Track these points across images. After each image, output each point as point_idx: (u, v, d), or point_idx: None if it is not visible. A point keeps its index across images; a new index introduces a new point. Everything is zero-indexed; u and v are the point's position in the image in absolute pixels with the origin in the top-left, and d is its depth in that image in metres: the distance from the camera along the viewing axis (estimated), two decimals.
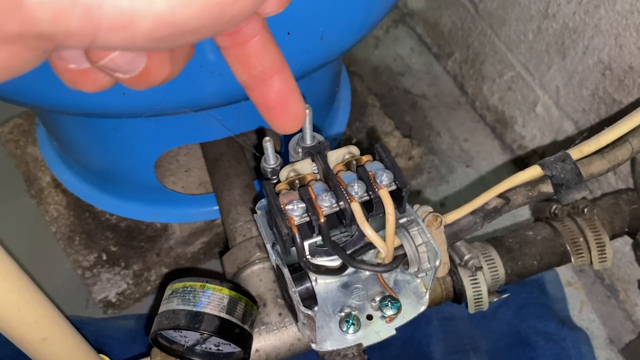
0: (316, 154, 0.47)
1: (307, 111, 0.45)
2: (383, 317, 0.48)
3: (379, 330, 0.48)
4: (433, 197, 1.02)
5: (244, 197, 0.72)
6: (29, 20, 0.16)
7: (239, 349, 0.51)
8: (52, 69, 0.21)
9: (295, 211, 0.42)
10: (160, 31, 0.18)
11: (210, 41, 0.24)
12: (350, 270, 0.49)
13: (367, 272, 0.50)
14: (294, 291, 0.45)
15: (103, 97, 0.53)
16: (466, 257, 0.58)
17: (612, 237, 0.68)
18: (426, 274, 0.49)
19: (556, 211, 0.67)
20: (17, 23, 0.16)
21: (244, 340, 0.51)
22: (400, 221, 0.47)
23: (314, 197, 0.43)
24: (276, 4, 0.22)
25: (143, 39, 0.18)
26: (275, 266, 0.49)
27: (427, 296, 0.50)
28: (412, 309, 0.49)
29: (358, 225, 0.42)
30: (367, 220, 0.43)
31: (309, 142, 0.47)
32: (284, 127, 0.26)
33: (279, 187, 0.45)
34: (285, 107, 0.25)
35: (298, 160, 0.47)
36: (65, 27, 0.17)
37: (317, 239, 0.45)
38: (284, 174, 0.47)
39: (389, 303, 0.48)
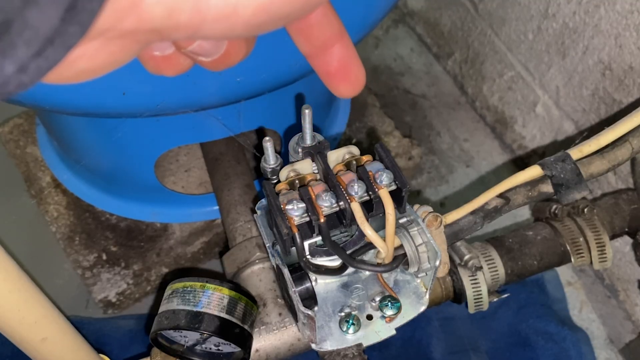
0: (316, 154, 0.47)
1: (307, 111, 0.45)
2: (383, 317, 0.48)
3: (379, 330, 0.48)
4: (433, 197, 1.02)
5: (244, 197, 0.72)
6: (145, 17, 0.17)
7: (239, 349, 0.51)
8: (138, 57, 0.22)
9: (295, 211, 0.42)
10: (258, 18, 0.18)
11: None
12: (350, 270, 0.49)
13: (367, 272, 0.50)
14: (294, 291, 0.45)
15: (103, 97, 0.53)
16: (466, 257, 0.58)
17: (612, 237, 0.68)
18: (426, 274, 0.49)
19: (556, 211, 0.67)
20: (134, 20, 0.17)
21: (244, 340, 0.51)
22: (400, 221, 0.47)
23: (314, 197, 0.43)
24: None
25: (241, 27, 0.19)
26: (275, 266, 0.49)
27: (427, 296, 0.50)
28: (412, 309, 0.49)
29: (358, 225, 0.42)
30: (367, 220, 0.43)
31: (309, 142, 0.47)
32: (345, 92, 0.27)
33: (279, 187, 0.45)
34: (347, 73, 0.26)
35: (298, 160, 0.47)
36: (175, 21, 0.17)
37: (317, 239, 0.44)
38: (284, 174, 0.47)
39: (389, 303, 0.48)
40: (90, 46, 0.17)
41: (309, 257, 0.46)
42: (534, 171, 0.56)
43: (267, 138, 0.45)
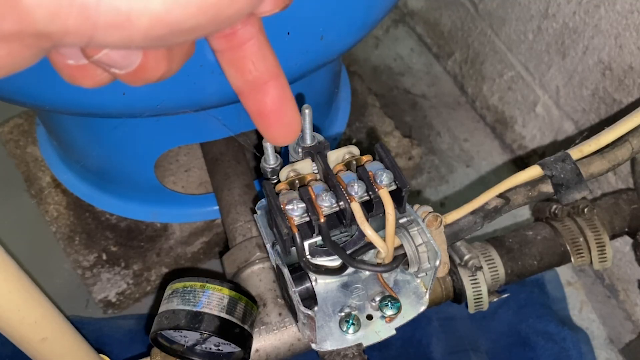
0: (316, 154, 0.47)
1: (307, 111, 0.45)
2: (383, 317, 0.48)
3: (379, 330, 0.48)
4: (433, 197, 1.02)
5: (244, 197, 0.72)
6: (26, 19, 0.16)
7: (239, 349, 0.51)
8: (52, 64, 0.22)
9: (295, 211, 0.42)
10: (157, 30, 0.18)
11: None
12: (350, 270, 0.49)
13: (367, 272, 0.50)
14: (294, 291, 0.45)
15: (103, 97, 0.53)
16: (466, 257, 0.59)
17: (612, 237, 0.68)
18: (426, 274, 0.49)
19: (556, 211, 0.67)
20: (15, 22, 0.16)
21: (244, 340, 0.51)
22: (400, 221, 0.47)
23: (314, 197, 0.43)
24: (273, 4, 0.22)
25: (140, 38, 0.18)
26: (275, 266, 0.49)
27: (427, 296, 0.50)
28: (412, 309, 0.49)
29: (358, 225, 0.42)
30: (367, 220, 0.43)
31: (309, 142, 0.47)
32: (278, 137, 0.26)
33: (279, 187, 0.45)
34: (279, 115, 0.25)
35: (298, 160, 0.47)
36: (62, 25, 0.17)
37: (317, 239, 0.45)
38: (284, 174, 0.47)
39: (389, 303, 0.48)
40: None
41: (309, 257, 0.46)
42: (534, 171, 0.56)
43: None
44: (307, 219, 0.43)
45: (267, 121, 0.25)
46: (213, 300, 0.50)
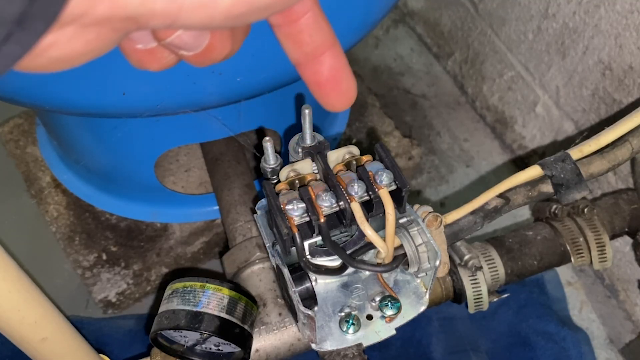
0: (316, 154, 0.47)
1: (307, 111, 0.45)
2: (383, 317, 0.48)
3: (379, 330, 0.48)
4: (433, 197, 1.02)
5: (244, 197, 0.72)
6: (118, 3, 0.17)
7: (239, 349, 0.51)
8: (120, 49, 0.22)
9: (295, 211, 0.42)
10: (237, 9, 0.18)
11: None
12: (350, 270, 0.49)
13: (367, 272, 0.50)
14: (294, 291, 0.45)
15: (103, 97, 0.53)
16: (466, 257, 0.58)
17: (612, 237, 0.68)
18: (426, 274, 0.49)
19: (556, 211, 0.67)
20: (108, 5, 0.17)
21: (244, 340, 0.51)
22: (400, 221, 0.47)
23: (314, 197, 0.43)
24: None
25: (220, 17, 0.18)
26: (275, 266, 0.49)
27: (427, 296, 0.50)
28: (412, 309, 0.49)
29: (358, 225, 0.42)
30: (367, 220, 0.43)
31: (309, 142, 0.47)
32: (336, 104, 0.26)
33: (279, 187, 0.45)
34: (337, 83, 0.25)
35: (298, 160, 0.47)
36: (150, 8, 0.17)
37: (317, 239, 0.44)
38: (284, 174, 0.47)
39: (389, 303, 0.48)
40: (64, 33, 0.17)
41: (309, 257, 0.46)
42: (534, 171, 0.56)
43: (267, 138, 0.45)
44: (307, 219, 0.43)
45: (325, 90, 0.25)
46: (213, 300, 0.50)
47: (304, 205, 0.43)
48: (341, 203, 0.43)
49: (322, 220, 0.42)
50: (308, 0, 0.23)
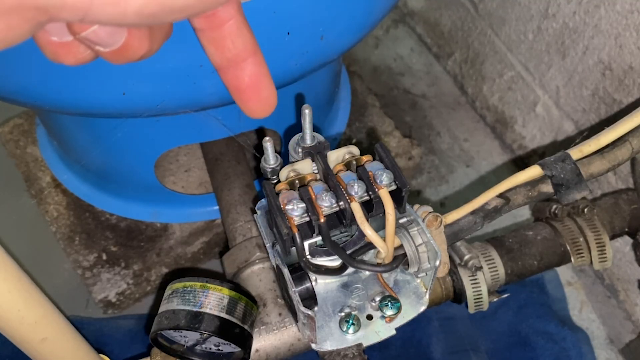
0: (316, 154, 0.47)
1: (307, 111, 0.45)
2: (383, 317, 0.48)
3: (379, 330, 0.48)
4: (433, 197, 1.02)
5: (244, 197, 0.72)
6: None
7: (239, 349, 0.51)
8: (35, 41, 0.22)
9: (295, 211, 0.42)
10: (150, 8, 0.19)
11: None
12: (350, 270, 0.49)
13: (367, 272, 0.50)
14: (294, 291, 0.45)
15: (103, 97, 0.53)
16: (466, 257, 0.58)
17: (612, 237, 0.68)
18: (426, 274, 0.49)
19: (556, 211, 0.67)
20: None
21: (244, 340, 0.51)
22: (400, 221, 0.47)
23: (314, 197, 0.43)
24: None
25: (133, 15, 0.19)
26: (275, 266, 0.49)
27: (427, 296, 0.50)
28: (412, 309, 0.49)
29: (358, 225, 0.42)
30: (367, 220, 0.43)
31: (308, 142, 0.47)
32: (255, 111, 0.27)
33: (279, 187, 0.45)
34: (257, 90, 0.26)
35: (298, 160, 0.47)
36: (61, 0, 0.17)
37: (317, 239, 0.44)
38: (284, 174, 0.47)
39: (389, 303, 0.48)
40: None
41: (309, 257, 0.46)
42: (534, 171, 0.56)
43: (267, 138, 0.45)
44: (307, 219, 0.43)
45: (245, 96, 0.26)
46: (213, 300, 0.50)
47: (304, 205, 0.43)
48: (341, 203, 0.43)
49: (322, 220, 0.42)
50: (232, 8, 0.24)
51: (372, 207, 0.44)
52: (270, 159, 0.47)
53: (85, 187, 0.89)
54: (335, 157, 0.47)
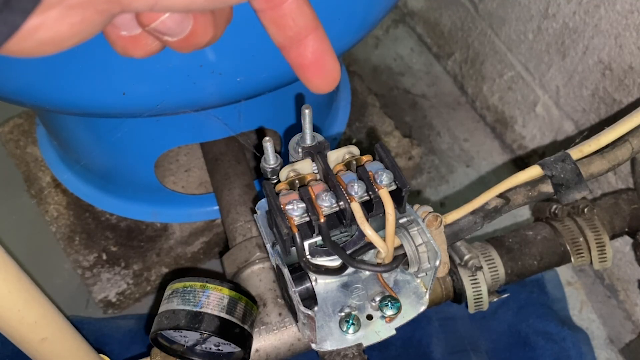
0: (316, 154, 0.47)
1: (307, 111, 0.45)
2: (383, 317, 0.48)
3: (379, 330, 0.48)
4: (433, 197, 1.02)
5: (244, 197, 0.72)
6: None
7: (239, 349, 0.51)
8: (105, 37, 0.22)
9: (295, 211, 0.42)
10: None
11: None
12: (350, 270, 0.49)
13: (367, 272, 0.50)
14: (294, 291, 0.45)
15: (103, 97, 0.53)
16: (466, 257, 0.58)
17: (612, 237, 0.68)
18: (426, 274, 0.49)
19: (556, 211, 0.67)
20: None
21: (244, 340, 0.51)
22: (400, 221, 0.47)
23: (314, 197, 0.43)
24: None
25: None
26: (275, 266, 0.49)
27: (427, 296, 0.50)
28: (412, 309, 0.49)
29: (358, 225, 0.42)
30: (367, 220, 0.43)
31: (309, 142, 0.47)
32: (319, 86, 0.27)
33: (279, 187, 0.45)
34: (321, 66, 0.26)
35: (298, 160, 0.47)
36: None
37: (317, 239, 0.44)
38: (284, 174, 0.47)
39: (389, 303, 0.48)
40: (50, 15, 0.18)
41: (309, 257, 0.46)
42: (534, 171, 0.56)
43: (267, 138, 0.45)
44: (307, 219, 0.43)
45: (310, 72, 0.26)
46: (213, 300, 0.50)
47: (304, 205, 0.43)
48: (341, 203, 0.43)
49: (322, 220, 0.42)
50: None
51: (372, 207, 0.44)
52: (270, 159, 0.47)
53: (85, 187, 0.89)
54: (335, 157, 0.47)
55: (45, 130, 0.92)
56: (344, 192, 0.43)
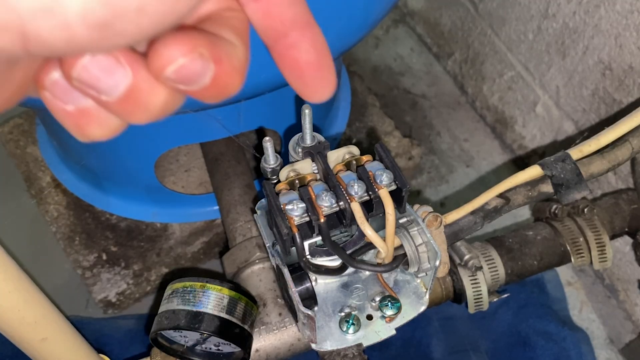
0: (316, 154, 0.47)
1: (307, 111, 0.45)
2: (383, 317, 0.48)
3: (379, 330, 0.48)
4: (433, 197, 1.02)
5: (244, 197, 0.72)
6: None
7: (239, 349, 0.51)
8: (54, 117, 0.18)
9: (295, 211, 0.42)
10: (96, 13, 0.14)
11: None
12: (350, 270, 0.49)
13: (367, 272, 0.50)
14: (294, 291, 0.45)
15: None
16: (466, 257, 0.58)
17: (612, 237, 0.68)
18: (426, 274, 0.49)
19: (556, 211, 0.67)
20: None
21: (244, 340, 0.51)
22: (400, 221, 0.47)
23: (314, 197, 0.43)
24: None
25: (81, 27, 0.14)
26: (275, 266, 0.49)
27: (427, 296, 0.50)
28: (412, 309, 0.49)
29: (358, 225, 0.42)
30: (367, 220, 0.43)
31: (309, 142, 0.47)
32: (314, 93, 0.22)
33: (279, 187, 0.45)
34: (314, 69, 0.21)
35: (298, 160, 0.47)
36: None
37: (317, 239, 0.44)
38: (284, 174, 0.47)
39: (389, 303, 0.48)
40: None
41: (309, 257, 0.46)
42: (534, 171, 0.56)
43: (267, 138, 0.45)
44: (307, 219, 0.43)
45: (302, 77, 0.21)
46: (213, 300, 0.50)
47: (304, 205, 0.43)
48: (341, 203, 0.43)
49: (322, 220, 0.42)
50: None
51: (372, 207, 0.44)
52: (270, 159, 0.47)
53: (85, 187, 0.89)
54: (335, 157, 0.47)
55: (45, 130, 0.92)
56: (344, 192, 0.43)
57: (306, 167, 0.47)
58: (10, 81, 0.17)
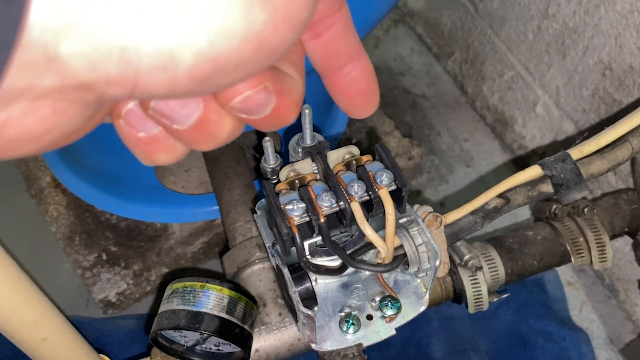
0: (316, 154, 0.47)
1: (307, 111, 0.45)
2: (383, 317, 0.48)
3: (379, 330, 0.48)
4: (433, 197, 1.02)
5: (244, 197, 0.72)
6: (66, 71, 0.15)
7: (239, 349, 0.51)
8: (125, 143, 0.20)
9: (295, 211, 0.42)
10: (202, 68, 0.16)
11: None
12: (350, 270, 0.49)
13: (367, 272, 0.50)
14: (294, 291, 0.45)
15: None
16: (466, 257, 0.58)
17: (612, 237, 0.68)
18: (426, 274, 0.49)
19: (556, 211, 0.67)
20: (54, 75, 0.15)
21: (244, 340, 0.51)
22: (400, 221, 0.47)
23: (314, 197, 0.43)
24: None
25: (185, 80, 0.16)
26: (275, 266, 0.49)
27: (427, 296, 0.50)
28: (412, 309, 0.49)
29: (358, 225, 0.42)
30: (367, 220, 0.43)
31: (309, 142, 0.47)
32: (360, 114, 0.25)
33: (279, 187, 0.45)
34: (364, 94, 0.25)
35: (298, 160, 0.47)
36: (103, 73, 0.15)
37: (317, 239, 0.44)
38: (284, 174, 0.46)
39: (389, 303, 0.48)
40: (14, 109, 0.15)
41: (309, 257, 0.46)
42: (534, 171, 0.56)
43: (267, 138, 0.45)
44: (307, 219, 0.43)
45: (353, 101, 0.25)
46: (213, 300, 0.50)
47: (304, 205, 0.43)
48: (341, 203, 0.43)
49: (322, 220, 0.42)
50: (332, 11, 0.22)
51: (372, 207, 0.44)
52: (270, 159, 0.47)
53: (85, 187, 0.89)
54: (335, 157, 0.47)
55: None
56: (344, 192, 0.43)
57: (306, 167, 0.47)
58: (100, 114, 0.18)
